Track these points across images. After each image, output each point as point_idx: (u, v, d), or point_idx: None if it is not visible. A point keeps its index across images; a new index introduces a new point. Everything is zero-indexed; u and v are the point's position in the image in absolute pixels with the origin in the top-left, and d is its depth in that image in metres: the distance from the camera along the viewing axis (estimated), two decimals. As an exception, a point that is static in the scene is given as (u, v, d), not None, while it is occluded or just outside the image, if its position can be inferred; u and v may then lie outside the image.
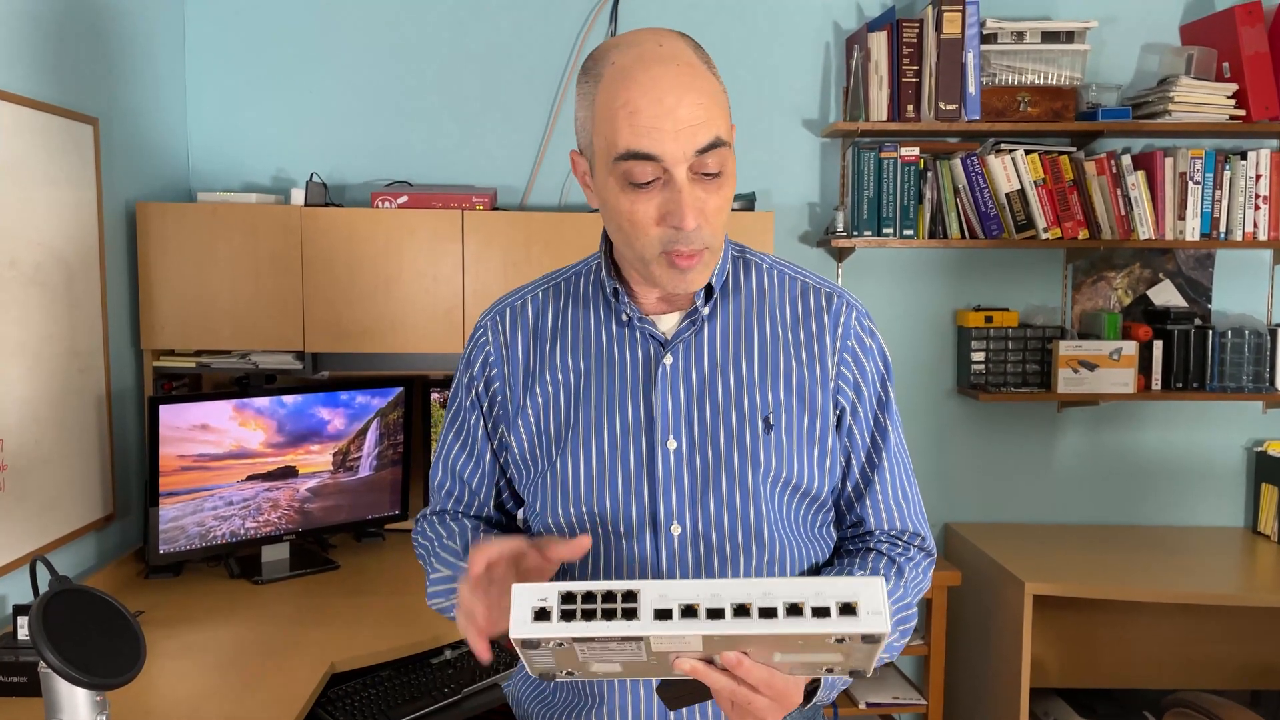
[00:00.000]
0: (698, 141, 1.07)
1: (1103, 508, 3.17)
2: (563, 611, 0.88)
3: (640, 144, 1.07)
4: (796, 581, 0.87)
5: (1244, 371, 2.98)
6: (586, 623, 0.87)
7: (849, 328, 1.24)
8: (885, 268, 3.10)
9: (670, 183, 1.09)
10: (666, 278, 1.15)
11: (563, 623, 0.87)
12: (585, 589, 0.89)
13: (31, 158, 2.14)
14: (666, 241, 1.11)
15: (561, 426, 1.23)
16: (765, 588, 0.87)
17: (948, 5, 2.77)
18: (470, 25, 2.99)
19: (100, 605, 1.24)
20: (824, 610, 0.86)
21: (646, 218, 1.11)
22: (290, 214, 2.63)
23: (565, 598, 0.88)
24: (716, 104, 1.10)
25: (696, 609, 0.87)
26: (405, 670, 2.21)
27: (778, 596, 0.86)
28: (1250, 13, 2.81)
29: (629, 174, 1.09)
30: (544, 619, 0.88)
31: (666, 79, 1.08)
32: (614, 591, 0.88)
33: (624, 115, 1.08)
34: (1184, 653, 3.00)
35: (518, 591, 0.89)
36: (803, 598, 0.86)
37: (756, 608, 0.86)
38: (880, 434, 1.26)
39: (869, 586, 0.86)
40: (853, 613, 0.85)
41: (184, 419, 2.41)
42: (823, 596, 0.86)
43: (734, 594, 0.87)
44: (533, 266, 2.65)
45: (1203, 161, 2.87)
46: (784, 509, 1.21)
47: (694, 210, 1.09)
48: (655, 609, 0.87)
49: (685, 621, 0.87)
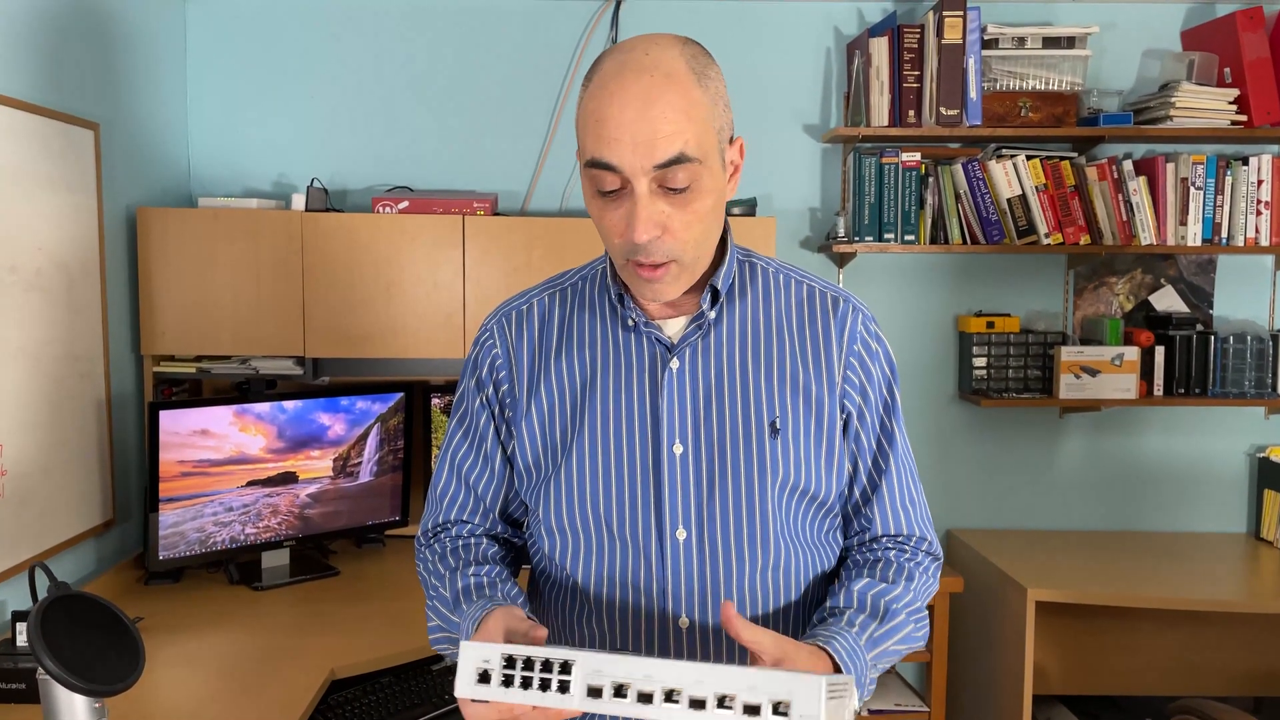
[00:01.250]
0: (656, 156, 1.06)
1: (1105, 514, 3.16)
2: (504, 676, 0.93)
3: (601, 153, 1.08)
4: (733, 671, 0.87)
5: (1246, 377, 2.97)
6: (523, 691, 0.92)
7: (855, 332, 1.23)
8: (886, 273, 3.09)
9: (630, 194, 1.09)
10: (635, 285, 1.16)
11: (501, 688, 0.92)
12: (526, 654, 0.93)
13: (32, 163, 2.13)
14: (628, 252, 1.12)
15: (567, 431, 1.22)
16: (699, 675, 0.87)
17: (949, 11, 2.77)
18: (472, 30, 2.99)
19: (99, 611, 1.23)
20: (755, 708, 0.85)
21: (612, 226, 1.12)
22: (291, 219, 2.63)
23: (507, 662, 0.93)
24: (689, 117, 1.07)
25: (626, 690, 0.89)
26: (405, 677, 2.20)
27: (709, 686, 0.87)
28: (1251, 18, 2.81)
29: (597, 181, 1.10)
30: (485, 681, 0.93)
31: (635, 89, 1.06)
32: (551, 661, 0.92)
33: (592, 123, 1.09)
34: (1187, 659, 2.99)
35: (465, 650, 0.94)
36: (735, 690, 0.86)
37: (686, 696, 0.87)
38: (887, 438, 1.25)
39: (806, 686, 0.84)
40: (784, 715, 0.84)
41: (184, 424, 2.40)
42: (756, 691, 0.85)
43: (666, 678, 0.88)
44: (534, 272, 2.65)
45: (1204, 167, 2.87)
46: (790, 514, 1.20)
47: (648, 223, 1.08)
48: (588, 685, 0.91)
49: (614, 701, 0.89)
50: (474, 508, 1.32)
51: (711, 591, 1.18)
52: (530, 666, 0.92)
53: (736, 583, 1.18)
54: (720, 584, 1.18)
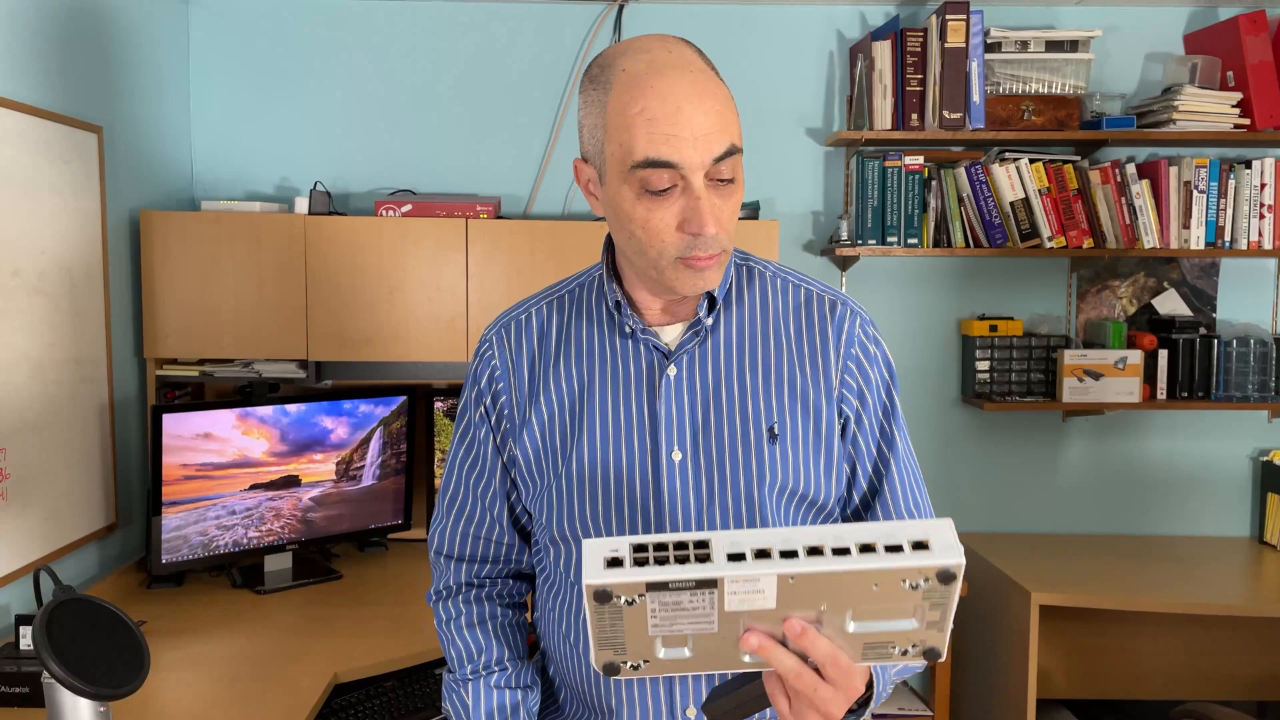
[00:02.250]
0: (714, 150, 1.08)
1: (1108, 517, 3.16)
2: (635, 559, 0.87)
3: (659, 152, 1.07)
4: (866, 525, 0.88)
5: (1249, 381, 2.97)
6: (660, 567, 0.86)
7: (853, 335, 1.23)
8: (889, 277, 3.09)
9: (688, 190, 1.09)
10: (681, 280, 1.14)
11: (636, 568, 0.87)
12: (657, 540, 0.89)
13: (36, 166, 2.14)
14: (684, 248, 1.11)
15: (566, 439, 1.22)
16: (836, 531, 0.88)
17: (952, 14, 2.77)
18: (475, 34, 2.99)
19: (104, 615, 1.23)
20: (897, 547, 0.86)
21: (664, 224, 1.11)
22: (294, 223, 2.63)
23: (637, 548, 0.88)
24: (730, 110, 1.11)
25: (769, 551, 0.87)
26: (409, 681, 2.20)
27: (850, 538, 0.87)
28: (1254, 21, 2.81)
29: (646, 181, 1.09)
30: (616, 566, 0.87)
31: (683, 86, 1.08)
32: (685, 541, 0.88)
33: (641, 123, 1.07)
34: (1191, 664, 2.98)
35: (589, 546, 0.89)
36: (874, 537, 0.87)
37: (830, 548, 0.87)
38: (887, 442, 1.25)
39: (938, 526, 0.87)
40: (925, 548, 0.86)
41: (187, 428, 2.40)
42: (893, 536, 0.87)
43: (806, 538, 0.87)
44: (536, 275, 2.65)
45: (1207, 170, 2.87)
46: (789, 519, 1.20)
47: (714, 217, 1.10)
48: (728, 553, 0.87)
49: (759, 562, 0.86)
50: (486, 524, 1.32)
51: None
52: (663, 549, 0.88)
53: None
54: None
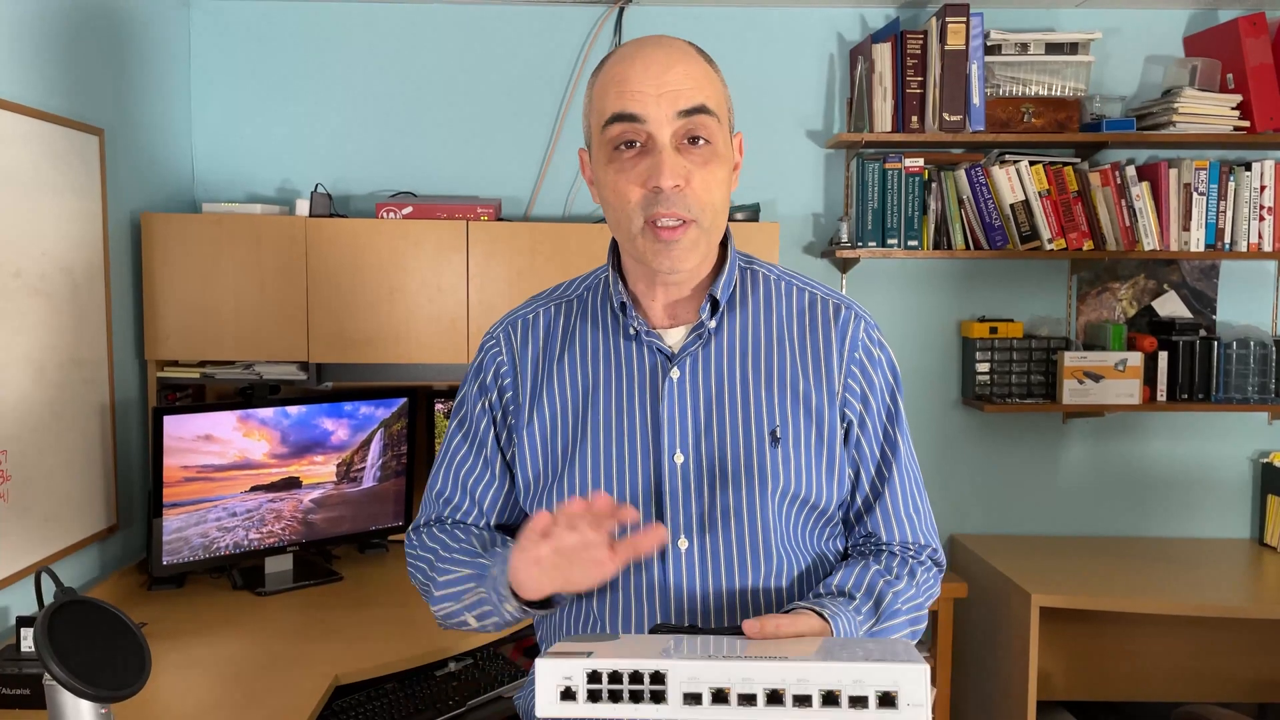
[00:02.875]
0: (679, 103, 1.10)
1: (1108, 519, 3.16)
2: (589, 692, 0.87)
3: (625, 105, 1.11)
4: (835, 667, 0.85)
5: (1249, 383, 2.97)
6: (613, 704, 0.86)
7: (857, 339, 1.23)
8: (890, 279, 3.09)
9: (653, 148, 1.11)
10: (651, 252, 1.14)
11: (589, 704, 0.87)
12: (611, 668, 0.87)
13: (37, 168, 2.14)
14: (647, 206, 1.12)
15: (569, 440, 1.22)
16: (800, 672, 0.84)
17: (952, 17, 2.77)
18: (476, 37, 3.00)
19: (105, 617, 1.23)
20: (861, 700, 0.83)
21: (628, 184, 1.12)
22: (295, 225, 2.63)
23: (591, 677, 0.87)
24: (708, 80, 1.14)
25: (727, 694, 0.85)
26: (410, 682, 2.20)
27: (814, 683, 0.84)
28: (1254, 24, 2.81)
29: (614, 138, 1.12)
30: (570, 699, 0.88)
31: (656, 54, 1.13)
32: (641, 672, 0.87)
33: (613, 86, 1.12)
34: (1191, 665, 2.98)
35: (541, 668, 0.89)
36: (839, 685, 0.84)
37: (791, 695, 0.84)
38: (890, 446, 1.25)
39: (911, 674, 0.83)
40: (892, 705, 0.83)
41: (188, 430, 2.40)
42: (861, 685, 0.83)
43: (767, 678, 0.85)
44: (537, 277, 2.65)
45: (1207, 172, 2.87)
46: (791, 523, 1.20)
47: (673, 170, 1.10)
48: (684, 693, 0.86)
49: (715, 708, 0.85)
50: (467, 512, 1.31)
51: (714, 600, 1.18)
52: (617, 679, 0.87)
53: (739, 591, 1.18)
54: (722, 593, 1.18)
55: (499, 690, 2.24)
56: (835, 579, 1.18)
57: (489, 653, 2.39)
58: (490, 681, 2.25)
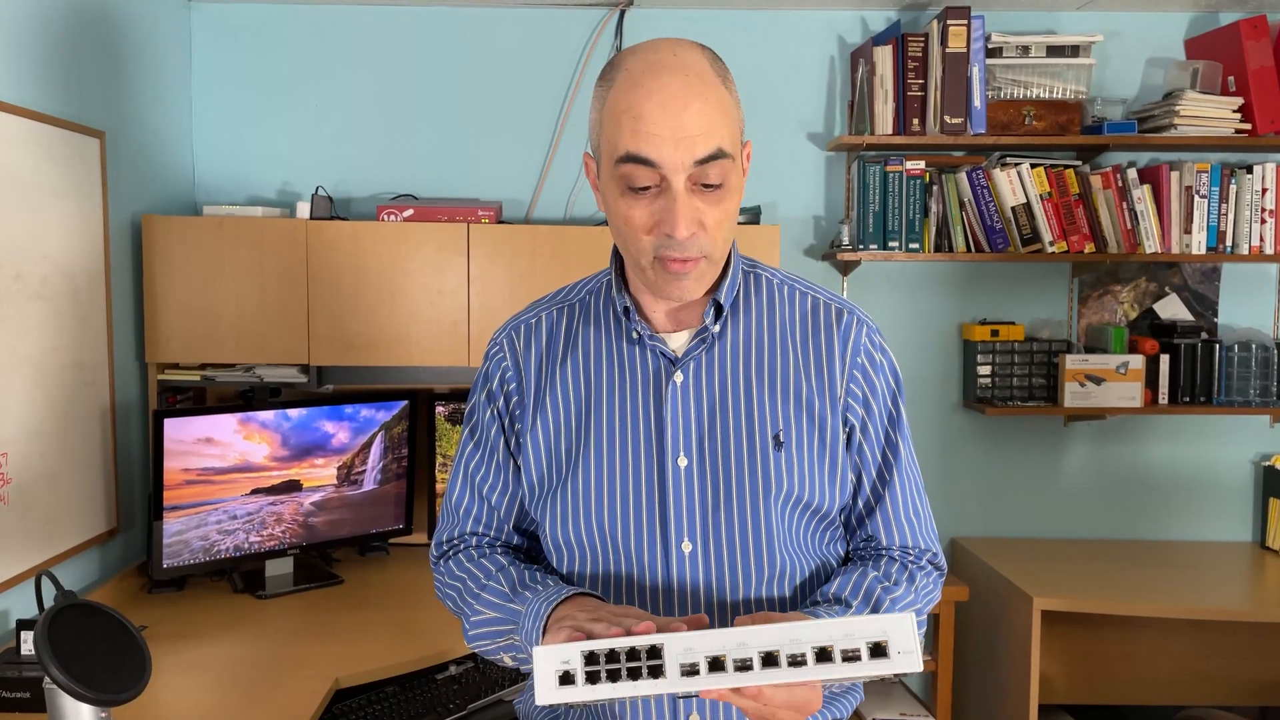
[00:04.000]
0: (697, 152, 1.08)
1: (1110, 522, 3.16)
2: (587, 674, 0.87)
3: (640, 148, 1.08)
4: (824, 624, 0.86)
5: (1251, 385, 2.96)
6: (612, 684, 0.86)
7: (859, 344, 1.23)
8: (891, 281, 3.09)
9: (667, 190, 1.09)
10: (661, 283, 1.14)
11: (589, 686, 0.87)
12: (607, 647, 0.88)
13: (38, 170, 2.14)
14: (658, 248, 1.12)
15: (572, 444, 1.22)
16: (792, 633, 0.86)
17: (953, 19, 2.77)
18: (476, 39, 3.00)
19: (106, 620, 1.23)
20: (853, 654, 0.85)
21: (641, 223, 1.11)
22: (296, 227, 2.63)
23: (588, 658, 0.88)
24: (723, 116, 1.10)
25: (724, 661, 0.86)
26: (410, 686, 2.19)
27: (805, 642, 0.85)
28: (1255, 27, 2.81)
29: (628, 178, 1.10)
30: (569, 683, 0.87)
31: (673, 87, 1.08)
32: (637, 649, 0.87)
33: (628, 120, 1.09)
34: (1193, 669, 2.98)
35: (539, 655, 0.89)
36: (831, 641, 0.85)
37: (785, 655, 0.85)
38: (891, 451, 1.25)
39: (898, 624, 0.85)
40: (883, 654, 0.84)
41: (188, 432, 2.40)
42: (851, 638, 0.85)
43: (760, 642, 0.86)
44: (538, 280, 2.65)
45: (1208, 175, 2.87)
46: (793, 527, 1.20)
47: (687, 219, 1.09)
48: (682, 665, 0.86)
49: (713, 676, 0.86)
50: (488, 520, 1.31)
51: (717, 603, 1.18)
52: (614, 658, 0.87)
53: (742, 595, 1.18)
54: (725, 596, 1.18)
55: (500, 694, 2.23)
56: (832, 586, 1.18)
57: (490, 656, 2.38)
58: (491, 685, 2.25)
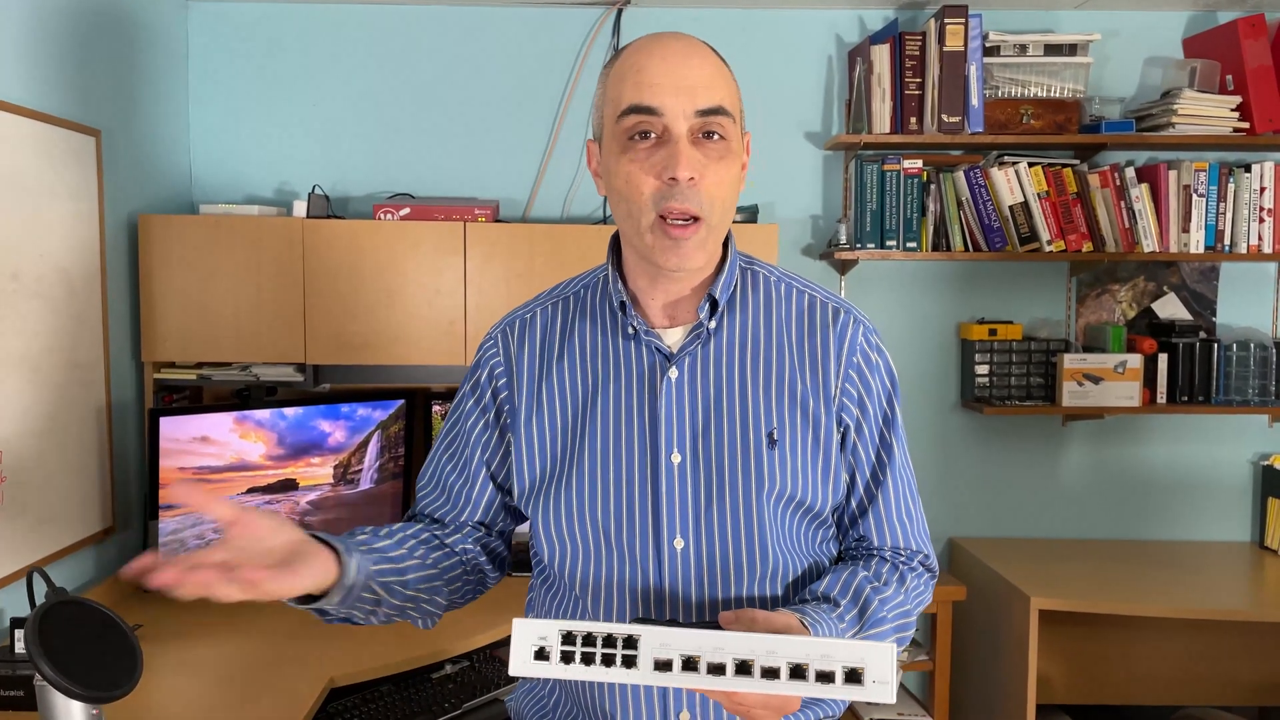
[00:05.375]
0: (698, 101, 1.11)
1: (1108, 522, 3.15)
2: (563, 653, 0.89)
3: (642, 97, 1.11)
4: (804, 641, 0.86)
5: (1249, 385, 2.96)
6: (585, 667, 0.88)
7: (855, 344, 1.23)
8: (888, 280, 3.09)
9: (669, 141, 1.11)
10: (660, 248, 1.14)
11: (561, 665, 0.88)
12: (586, 630, 0.89)
13: (34, 169, 2.13)
14: (660, 198, 1.11)
15: (567, 440, 1.22)
16: (770, 645, 0.86)
17: (950, 18, 2.77)
18: (474, 38, 2.99)
19: (97, 618, 1.23)
20: (828, 675, 0.85)
21: (642, 175, 1.12)
22: (292, 226, 2.63)
23: (565, 638, 0.89)
24: (724, 80, 1.15)
25: (697, 662, 0.87)
26: (405, 685, 2.19)
27: (782, 656, 0.85)
28: (1253, 25, 2.81)
29: (629, 129, 1.12)
30: (543, 659, 0.89)
31: (675, 45, 1.14)
32: (614, 636, 0.88)
33: (631, 75, 1.12)
34: (1191, 669, 2.97)
35: (518, 627, 0.90)
36: (808, 659, 0.85)
37: (759, 666, 0.85)
38: (885, 452, 1.25)
39: (877, 653, 0.85)
40: (858, 681, 0.84)
41: (184, 431, 2.40)
42: (829, 660, 0.85)
43: (737, 649, 0.86)
44: (535, 279, 2.65)
45: (1207, 174, 2.86)
46: (786, 525, 1.20)
47: (689, 162, 1.10)
48: (655, 659, 0.87)
49: (685, 675, 0.87)
50: (441, 505, 1.32)
51: (709, 600, 1.17)
52: (591, 642, 0.88)
53: (734, 592, 1.18)
54: (717, 593, 1.18)
55: (494, 693, 2.23)
56: (821, 585, 1.17)
57: (485, 655, 2.38)
58: (486, 684, 2.25)
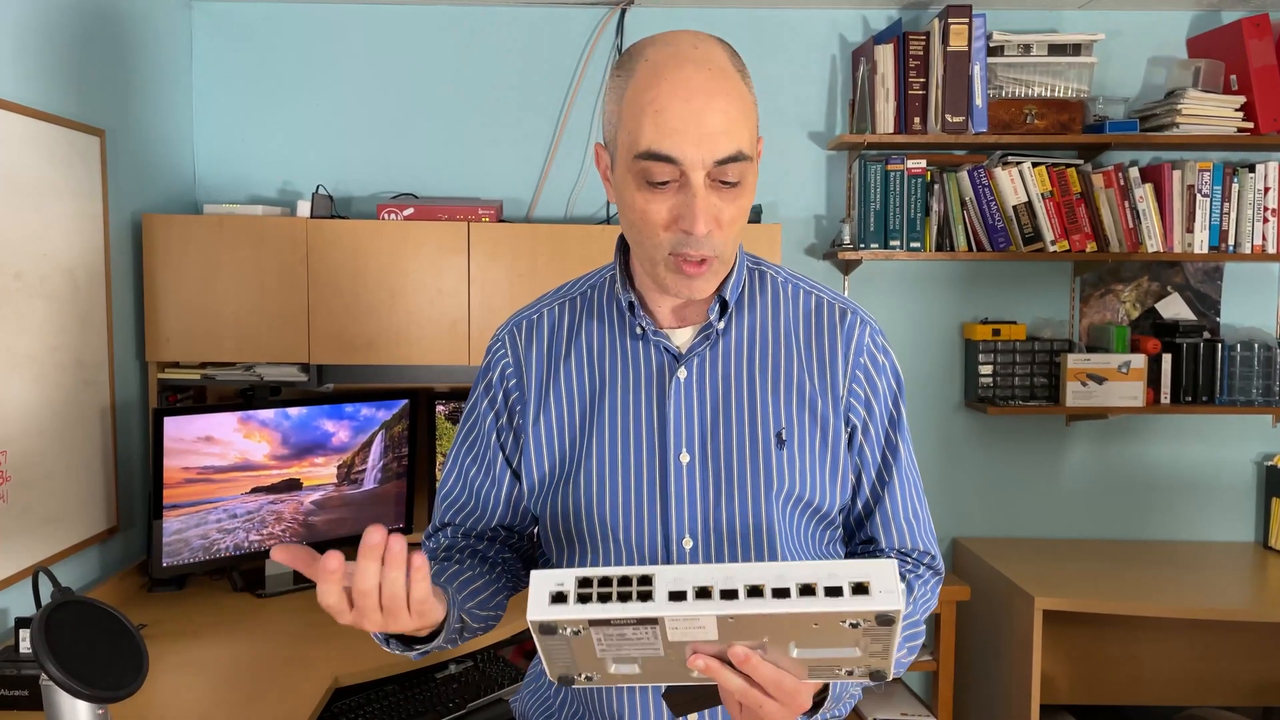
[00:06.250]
0: (718, 151, 1.07)
1: (1112, 522, 3.15)
2: (579, 595, 0.89)
3: (661, 144, 1.07)
4: (810, 564, 0.89)
5: (1253, 385, 2.96)
6: (602, 605, 0.88)
7: (862, 344, 1.23)
8: (892, 280, 3.09)
9: (686, 186, 1.08)
10: (672, 282, 1.14)
11: (579, 605, 0.89)
12: (601, 574, 0.90)
13: (38, 169, 2.14)
14: (675, 244, 1.11)
15: (576, 440, 1.22)
16: (779, 570, 0.88)
17: (954, 18, 2.77)
18: (477, 38, 2.99)
19: (103, 617, 1.23)
20: (836, 590, 0.87)
21: (658, 218, 1.11)
22: (296, 226, 2.63)
23: (582, 582, 0.90)
24: (743, 115, 1.10)
25: (710, 590, 0.88)
26: (409, 685, 2.19)
27: (791, 578, 0.88)
28: (1258, 25, 2.81)
29: (647, 172, 1.09)
30: (560, 602, 0.89)
31: (696, 82, 1.07)
32: (629, 576, 0.90)
33: (650, 113, 1.07)
34: (1195, 669, 2.97)
35: (535, 577, 0.91)
36: (815, 578, 0.87)
37: (770, 588, 0.87)
38: (891, 452, 1.25)
39: (881, 568, 0.88)
40: (865, 592, 0.86)
41: (188, 431, 2.40)
42: (835, 577, 0.87)
43: (748, 576, 0.88)
44: (539, 279, 2.65)
45: (1211, 174, 2.86)
46: (794, 525, 1.20)
47: (706, 216, 1.09)
48: (670, 591, 0.89)
49: (699, 603, 0.88)
50: (472, 509, 1.31)
51: None
52: (607, 583, 0.89)
53: None
54: None
55: (499, 693, 2.23)
56: None
57: (489, 655, 2.38)
58: (490, 684, 2.25)
